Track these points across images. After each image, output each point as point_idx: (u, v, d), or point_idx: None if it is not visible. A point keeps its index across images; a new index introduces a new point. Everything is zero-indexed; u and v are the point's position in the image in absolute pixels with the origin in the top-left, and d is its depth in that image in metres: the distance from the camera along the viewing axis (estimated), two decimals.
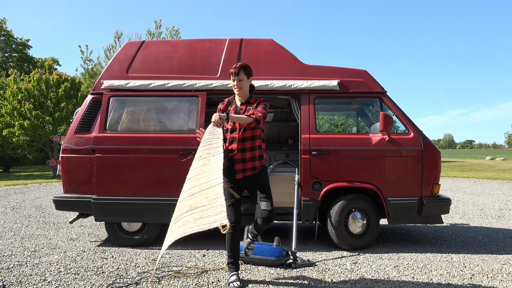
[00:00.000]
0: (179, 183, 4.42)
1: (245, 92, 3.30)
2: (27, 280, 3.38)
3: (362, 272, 3.63)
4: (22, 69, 29.02)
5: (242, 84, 3.24)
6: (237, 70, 3.21)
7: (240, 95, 3.29)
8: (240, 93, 3.27)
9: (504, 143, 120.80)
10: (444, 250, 4.44)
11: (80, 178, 4.54)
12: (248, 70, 3.26)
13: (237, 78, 3.22)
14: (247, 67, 3.26)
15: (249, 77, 3.28)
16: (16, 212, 7.21)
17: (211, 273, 3.59)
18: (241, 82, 3.23)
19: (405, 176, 4.40)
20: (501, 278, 3.47)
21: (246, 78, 3.24)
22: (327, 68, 4.72)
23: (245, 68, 3.24)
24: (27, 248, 4.47)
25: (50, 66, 18.94)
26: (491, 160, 32.78)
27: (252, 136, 3.23)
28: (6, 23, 30.25)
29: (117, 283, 3.30)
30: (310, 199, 4.41)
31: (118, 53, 4.92)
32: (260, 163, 3.25)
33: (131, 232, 4.61)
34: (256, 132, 3.23)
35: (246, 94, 3.32)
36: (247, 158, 3.21)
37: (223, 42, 4.86)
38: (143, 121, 4.70)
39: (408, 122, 4.53)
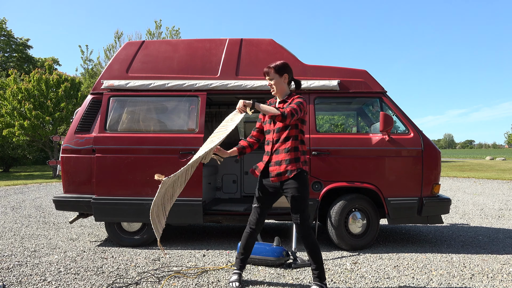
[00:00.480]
0: None
1: (281, 91, 3.14)
2: (27, 280, 3.38)
3: (362, 272, 3.62)
4: (22, 69, 29.03)
5: (274, 83, 3.11)
6: (267, 70, 3.10)
7: (277, 94, 3.17)
8: (276, 92, 3.15)
9: (504, 143, 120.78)
10: (444, 250, 4.44)
11: (80, 178, 4.54)
12: (278, 68, 3.10)
13: (268, 78, 3.12)
14: (279, 65, 3.11)
15: (282, 75, 3.11)
16: (16, 212, 7.21)
17: (211, 273, 3.59)
18: (273, 81, 3.11)
19: (405, 176, 4.40)
20: (501, 278, 3.47)
21: (278, 77, 3.10)
22: (327, 68, 4.72)
23: (276, 67, 3.09)
24: (27, 248, 4.47)
25: (50, 66, 18.94)
26: (491, 160, 32.79)
27: (286, 137, 3.02)
28: (6, 23, 30.24)
29: (117, 283, 3.30)
30: (310, 199, 4.40)
31: (118, 53, 4.92)
32: (296, 166, 2.98)
33: (131, 232, 4.61)
34: (291, 132, 3.02)
35: (283, 93, 3.15)
36: (281, 160, 3.02)
37: (223, 42, 4.86)
38: (143, 121, 4.70)
39: (408, 122, 4.53)
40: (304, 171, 3.01)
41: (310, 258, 3.03)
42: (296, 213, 2.99)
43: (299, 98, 3.05)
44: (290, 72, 3.16)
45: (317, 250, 3.01)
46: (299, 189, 2.96)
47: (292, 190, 2.97)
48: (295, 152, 3.00)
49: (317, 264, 3.02)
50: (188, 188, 4.42)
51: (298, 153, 3.01)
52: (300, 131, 3.07)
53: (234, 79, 4.67)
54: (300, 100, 3.02)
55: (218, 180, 6.24)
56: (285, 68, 3.13)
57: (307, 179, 3.02)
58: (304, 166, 3.02)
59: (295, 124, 3.04)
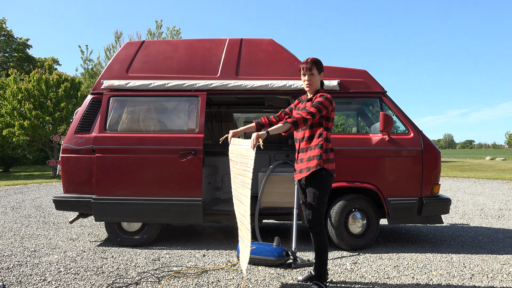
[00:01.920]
0: (179, 183, 4.43)
1: (315, 88, 3.12)
2: (27, 280, 3.38)
3: (362, 272, 3.62)
4: (22, 69, 29.01)
5: (313, 79, 3.09)
6: (309, 65, 3.06)
7: (310, 91, 3.15)
8: (310, 89, 3.13)
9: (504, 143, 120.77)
10: (444, 250, 4.44)
11: (80, 178, 4.54)
12: (319, 65, 3.11)
13: (308, 73, 3.08)
14: (318, 62, 3.11)
15: (320, 72, 3.12)
16: (16, 212, 7.21)
17: (211, 273, 3.59)
18: (313, 77, 3.08)
19: (405, 176, 4.40)
20: (501, 278, 3.47)
21: (317, 73, 3.09)
22: (327, 68, 4.71)
23: (317, 63, 3.09)
24: (27, 248, 4.47)
25: (50, 66, 18.94)
26: (491, 160, 32.78)
27: (310, 136, 3.05)
28: (6, 23, 30.24)
29: (117, 283, 3.30)
30: None
31: (118, 53, 4.92)
32: (316, 163, 2.98)
33: (131, 232, 4.61)
34: (314, 131, 3.04)
35: (315, 90, 3.13)
36: (304, 158, 3.06)
37: (223, 42, 4.86)
38: (143, 121, 4.70)
39: (408, 122, 4.53)
40: (324, 169, 2.99)
41: (315, 255, 3.06)
42: (310, 209, 3.02)
43: (320, 96, 3.02)
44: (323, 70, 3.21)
45: (324, 250, 3.03)
46: (316, 186, 2.99)
47: (309, 187, 3.01)
48: (319, 149, 3.00)
49: (321, 263, 3.04)
50: (188, 188, 4.43)
51: (321, 151, 3.00)
52: (325, 128, 3.04)
53: (234, 79, 4.67)
54: (320, 100, 2.98)
55: (218, 180, 6.24)
56: (322, 66, 3.16)
57: (327, 178, 3.00)
58: (326, 164, 2.99)
59: (319, 122, 3.03)
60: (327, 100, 2.98)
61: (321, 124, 3.03)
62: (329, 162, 3.02)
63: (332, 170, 3.03)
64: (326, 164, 2.99)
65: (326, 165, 2.99)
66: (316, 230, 3.03)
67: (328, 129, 3.06)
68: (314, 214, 3.01)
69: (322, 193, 3.00)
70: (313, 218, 3.01)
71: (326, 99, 2.98)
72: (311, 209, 3.02)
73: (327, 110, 2.98)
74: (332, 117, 3.05)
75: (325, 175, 2.99)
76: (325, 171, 2.99)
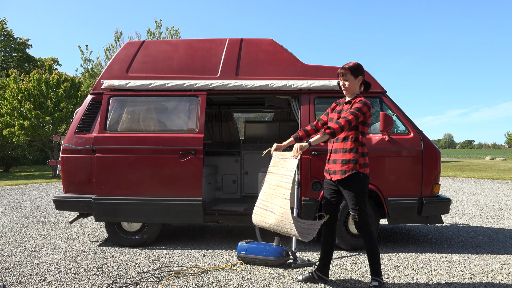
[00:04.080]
0: (179, 183, 4.43)
1: (352, 92, 3.16)
2: (27, 280, 3.38)
3: (362, 272, 3.62)
4: (22, 69, 29.00)
5: (348, 84, 3.14)
6: (343, 71, 3.13)
7: (347, 94, 3.20)
8: (348, 93, 3.18)
9: (504, 143, 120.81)
10: (444, 250, 4.44)
11: (80, 178, 4.55)
12: (354, 70, 3.13)
13: (342, 79, 3.14)
14: (354, 67, 3.13)
15: (357, 77, 3.14)
16: (16, 212, 7.21)
17: (211, 273, 3.59)
18: (347, 82, 3.13)
19: (405, 176, 4.40)
20: (501, 278, 3.47)
21: (353, 78, 3.13)
22: (327, 68, 4.72)
23: (352, 69, 3.12)
24: (27, 248, 4.47)
25: (50, 66, 18.92)
26: (491, 160, 32.78)
27: (345, 137, 3.10)
28: (6, 23, 30.23)
29: (117, 283, 3.30)
30: (310, 199, 4.41)
31: (118, 53, 4.92)
32: (353, 168, 3.04)
33: (131, 232, 4.61)
34: (350, 133, 3.09)
35: (353, 94, 3.17)
36: (338, 160, 3.11)
37: (223, 42, 4.85)
38: (143, 121, 4.70)
39: (408, 122, 4.53)
40: (360, 173, 3.05)
41: (369, 254, 3.11)
42: (354, 212, 3.08)
43: (359, 102, 3.06)
44: (364, 74, 3.19)
45: (376, 248, 3.10)
46: (354, 189, 3.05)
47: (348, 190, 3.07)
48: (354, 153, 3.06)
49: (375, 260, 3.11)
50: (188, 188, 4.43)
51: (357, 155, 3.06)
52: (360, 132, 3.10)
53: (234, 79, 4.67)
54: (358, 106, 3.03)
55: (218, 180, 6.24)
56: (360, 70, 3.17)
57: (363, 180, 3.06)
58: (362, 168, 3.05)
59: (355, 126, 3.07)
60: (365, 106, 3.03)
61: (357, 128, 3.09)
62: (365, 166, 3.08)
63: (368, 174, 3.11)
64: (363, 168, 3.06)
65: (363, 170, 3.06)
66: (365, 229, 3.09)
67: (364, 134, 3.12)
68: (359, 215, 3.07)
69: (362, 195, 3.07)
70: (359, 219, 3.07)
71: (365, 105, 3.03)
72: (356, 211, 3.07)
73: (364, 116, 3.04)
74: (368, 122, 3.11)
75: (362, 177, 3.06)
76: (362, 174, 3.06)
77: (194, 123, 4.55)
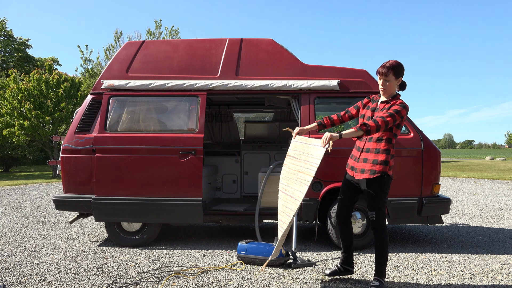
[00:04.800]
0: (179, 183, 4.43)
1: (390, 92, 3.12)
2: (27, 280, 3.38)
3: (362, 272, 3.62)
4: (22, 69, 29.00)
5: (389, 85, 3.08)
6: (385, 70, 3.05)
7: (385, 94, 3.15)
8: (385, 93, 3.14)
9: (504, 143, 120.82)
10: (444, 250, 4.44)
11: (80, 178, 4.54)
12: (398, 70, 3.06)
13: (383, 78, 3.08)
14: (397, 67, 3.06)
15: (398, 77, 3.09)
16: (16, 212, 7.21)
17: (211, 273, 3.59)
18: (388, 83, 3.08)
19: (405, 176, 4.40)
20: (501, 278, 3.47)
21: (394, 78, 3.07)
22: (327, 68, 4.72)
23: (395, 69, 3.05)
24: (27, 248, 4.47)
25: (50, 66, 18.92)
26: (491, 160, 32.78)
27: (379, 138, 3.07)
28: (6, 23, 30.24)
29: (117, 283, 3.30)
30: (310, 199, 4.41)
31: (118, 53, 4.92)
32: (383, 169, 3.03)
33: (131, 232, 4.61)
34: (384, 134, 3.05)
35: (391, 94, 3.14)
36: (369, 159, 3.08)
37: (223, 42, 4.85)
38: (143, 121, 4.70)
39: (408, 122, 4.53)
40: (388, 175, 3.07)
41: (377, 253, 3.12)
42: (372, 210, 3.09)
43: (399, 105, 3.01)
44: (403, 74, 3.14)
45: (386, 248, 3.12)
46: (377, 189, 3.06)
47: (371, 191, 3.07)
48: (386, 154, 3.05)
49: (383, 260, 3.12)
50: (188, 188, 4.42)
51: (388, 157, 3.06)
52: (394, 134, 3.08)
53: (234, 79, 4.67)
54: (398, 108, 2.99)
55: (218, 180, 6.24)
56: (403, 70, 3.12)
57: (387, 181, 3.08)
58: (390, 170, 3.07)
59: (390, 127, 3.05)
60: (405, 110, 3.01)
61: (391, 129, 3.06)
62: (392, 168, 3.10)
63: (391, 175, 3.13)
64: (390, 170, 3.09)
65: (390, 172, 3.09)
66: (380, 229, 3.11)
67: (396, 136, 3.11)
68: (377, 215, 3.09)
69: (383, 195, 3.09)
70: (376, 218, 3.09)
71: (404, 109, 3.01)
72: (374, 210, 3.09)
73: (401, 119, 3.02)
74: (402, 125, 3.10)
75: (386, 179, 3.07)
76: (387, 176, 3.08)
77: (194, 123, 4.55)
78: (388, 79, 3.07)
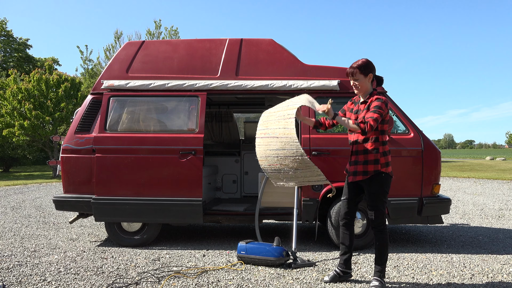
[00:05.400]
0: (179, 183, 4.43)
1: (365, 90, 3.11)
2: (27, 280, 3.38)
3: (362, 272, 3.62)
4: (22, 69, 29.01)
5: (359, 84, 3.08)
6: (351, 70, 3.06)
7: (360, 93, 3.14)
8: (359, 92, 3.12)
9: (504, 143, 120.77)
10: (444, 250, 4.44)
11: (80, 178, 4.54)
12: (364, 68, 3.05)
13: (352, 79, 3.08)
14: (363, 65, 3.06)
15: (367, 75, 3.07)
16: (16, 212, 7.21)
17: (211, 273, 3.59)
18: (358, 82, 3.07)
19: (405, 176, 4.40)
20: (501, 278, 3.47)
21: (363, 77, 3.06)
22: (327, 68, 4.72)
23: (360, 67, 3.05)
24: (27, 248, 4.47)
25: (50, 66, 18.94)
26: (491, 160, 32.78)
27: (365, 139, 3.07)
28: (6, 23, 30.24)
29: (117, 283, 3.30)
30: (310, 199, 4.41)
31: (118, 53, 4.92)
32: (374, 168, 3.03)
33: (131, 232, 4.60)
34: (370, 134, 3.04)
35: (367, 92, 3.12)
36: (359, 161, 3.08)
37: (223, 42, 4.85)
38: (143, 121, 4.70)
39: (408, 122, 4.53)
40: (382, 172, 3.05)
41: (377, 253, 3.13)
42: (371, 210, 3.09)
43: (377, 100, 3.00)
44: (374, 70, 3.14)
45: (386, 247, 3.12)
46: (375, 189, 3.06)
47: (368, 190, 3.08)
48: (375, 153, 3.04)
49: (383, 260, 3.12)
50: (188, 188, 4.42)
51: (378, 155, 3.04)
52: (380, 132, 3.07)
53: (234, 79, 4.67)
54: (379, 104, 2.97)
55: (218, 180, 6.24)
56: (370, 66, 3.10)
57: (386, 179, 3.08)
58: (384, 168, 3.05)
59: None
60: (383, 104, 2.98)
61: (377, 128, 3.05)
62: (387, 165, 3.08)
63: (390, 172, 3.11)
64: (385, 168, 3.06)
65: (385, 169, 3.06)
66: (379, 228, 3.12)
67: (384, 132, 3.08)
68: (376, 214, 3.09)
69: (383, 194, 3.09)
70: (375, 218, 3.10)
71: (383, 103, 2.98)
72: (373, 209, 3.09)
73: (386, 114, 3.02)
74: (387, 119, 3.07)
75: (384, 177, 3.07)
76: (384, 174, 3.07)
77: (194, 123, 4.55)
78: (357, 78, 3.07)
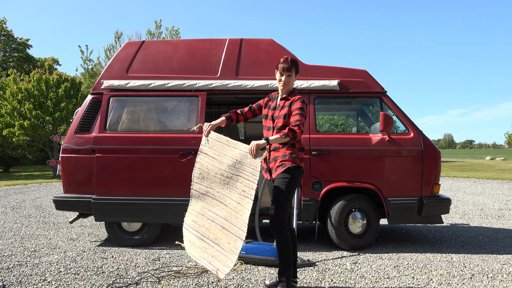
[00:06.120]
0: (179, 183, 4.43)
1: (290, 88, 3.11)
2: (27, 280, 3.38)
3: (362, 272, 3.63)
4: (22, 69, 29.01)
5: (290, 80, 3.06)
6: (289, 65, 3.03)
7: (284, 91, 3.12)
8: (285, 89, 3.10)
9: (504, 143, 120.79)
10: (444, 250, 4.44)
11: (80, 178, 4.54)
12: (297, 66, 3.09)
13: (287, 74, 3.05)
14: (297, 62, 3.09)
15: (297, 74, 3.12)
16: (16, 212, 7.21)
17: (211, 273, 3.59)
18: (290, 78, 3.06)
19: (405, 176, 4.40)
20: (501, 278, 3.47)
21: (294, 74, 3.08)
22: (327, 68, 4.72)
23: (296, 64, 3.07)
24: (27, 248, 4.47)
25: (50, 66, 18.93)
26: (491, 160, 32.77)
27: None
28: (6, 23, 30.24)
29: (117, 283, 3.30)
30: (310, 199, 4.41)
31: (118, 53, 4.92)
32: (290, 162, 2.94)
33: (131, 232, 4.61)
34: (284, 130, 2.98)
35: (290, 89, 3.12)
36: (279, 156, 3.01)
37: (223, 42, 4.86)
38: (143, 121, 4.70)
39: (408, 122, 4.53)
40: (299, 167, 2.99)
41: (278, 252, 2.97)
42: (272, 204, 2.97)
43: (298, 100, 3.01)
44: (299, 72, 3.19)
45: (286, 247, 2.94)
46: (284, 181, 2.92)
47: (278, 181, 2.95)
48: (292, 148, 3.00)
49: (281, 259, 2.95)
50: (188, 188, 4.42)
51: (295, 150, 3.01)
52: None
53: (234, 79, 4.67)
54: (300, 105, 2.98)
55: None
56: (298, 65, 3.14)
57: (298, 176, 2.98)
58: (301, 163, 3.02)
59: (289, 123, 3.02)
60: (304, 104, 3.01)
61: None
62: (303, 161, 3.04)
63: (303, 168, 3.06)
64: (302, 162, 3.02)
65: (302, 164, 3.02)
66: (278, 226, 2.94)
67: None
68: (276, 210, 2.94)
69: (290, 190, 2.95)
70: (274, 213, 2.94)
71: (304, 103, 3.01)
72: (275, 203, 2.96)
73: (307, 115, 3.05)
74: None
75: (298, 173, 2.98)
76: (300, 170, 3.01)
77: (194, 123, 4.55)
78: (291, 73, 3.05)
